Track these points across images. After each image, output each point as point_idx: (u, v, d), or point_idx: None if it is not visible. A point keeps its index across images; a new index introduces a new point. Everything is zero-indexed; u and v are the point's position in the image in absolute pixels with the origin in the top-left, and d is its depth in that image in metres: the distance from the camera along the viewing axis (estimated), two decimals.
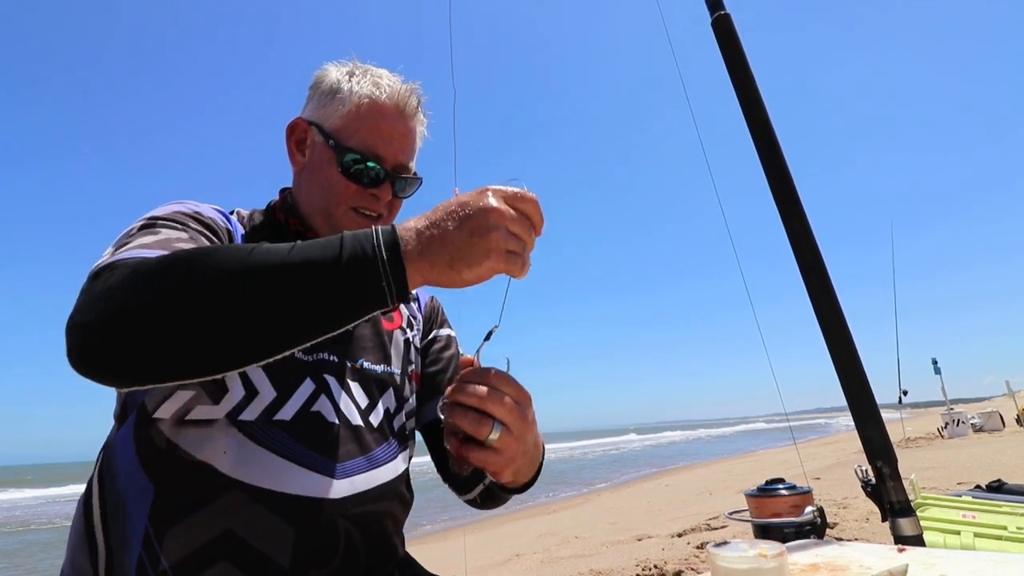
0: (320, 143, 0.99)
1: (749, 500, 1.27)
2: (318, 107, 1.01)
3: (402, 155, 1.00)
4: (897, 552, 0.92)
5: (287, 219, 1.02)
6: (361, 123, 0.97)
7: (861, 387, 1.24)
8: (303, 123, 1.03)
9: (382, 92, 0.98)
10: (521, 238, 0.68)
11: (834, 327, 1.26)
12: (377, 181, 0.98)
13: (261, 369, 0.86)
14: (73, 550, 0.85)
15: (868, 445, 1.23)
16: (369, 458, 0.94)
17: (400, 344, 1.08)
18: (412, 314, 1.15)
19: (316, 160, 1.00)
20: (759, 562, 0.60)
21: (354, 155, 0.96)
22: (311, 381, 0.91)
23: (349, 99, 0.98)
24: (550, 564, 4.40)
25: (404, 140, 1.01)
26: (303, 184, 1.03)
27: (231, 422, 0.83)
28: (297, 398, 0.89)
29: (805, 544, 1.05)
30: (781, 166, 1.32)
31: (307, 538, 0.84)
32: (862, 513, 4.63)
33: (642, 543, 4.77)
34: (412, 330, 1.13)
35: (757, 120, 1.34)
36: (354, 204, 0.98)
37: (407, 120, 1.01)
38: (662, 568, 3.56)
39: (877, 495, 1.23)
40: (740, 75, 1.37)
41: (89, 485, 0.88)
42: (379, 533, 0.94)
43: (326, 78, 1.02)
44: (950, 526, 1.68)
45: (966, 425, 12.41)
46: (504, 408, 0.70)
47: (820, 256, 1.29)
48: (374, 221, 0.99)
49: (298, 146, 1.03)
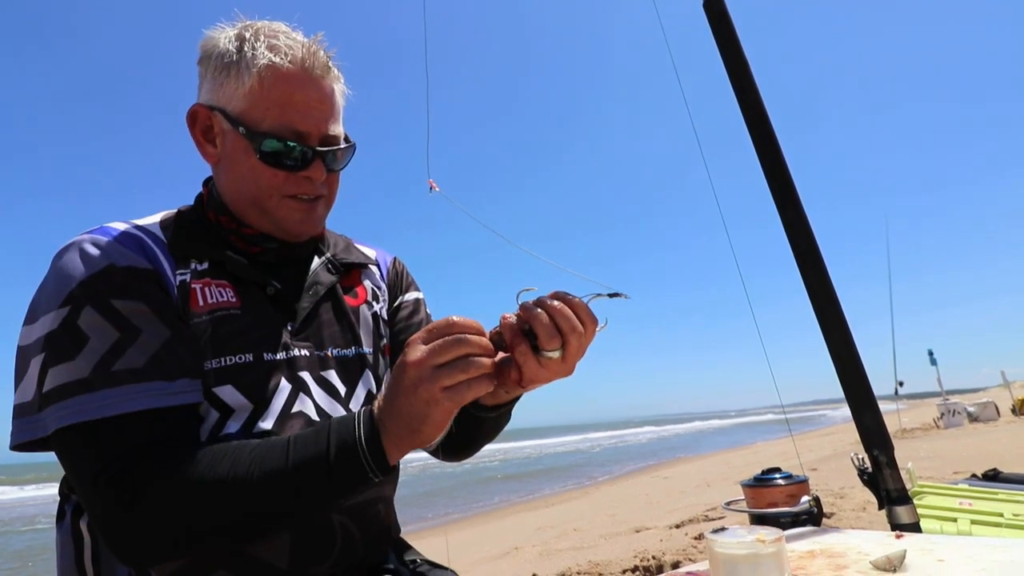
0: (230, 131, 0.88)
1: (746, 490, 1.27)
2: (215, 87, 0.89)
3: (324, 124, 0.89)
4: (895, 538, 0.92)
5: (218, 217, 0.93)
6: (268, 99, 0.85)
7: (857, 375, 1.24)
8: (203, 110, 0.90)
9: (282, 56, 0.85)
10: (456, 364, 0.69)
11: (830, 315, 1.26)
12: (305, 162, 0.89)
13: (231, 385, 0.83)
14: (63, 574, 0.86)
15: (865, 433, 1.23)
16: None
17: (368, 320, 1.04)
18: (376, 284, 1.10)
19: (230, 151, 0.89)
20: (757, 547, 0.59)
21: (271, 140, 0.86)
22: (287, 381, 0.88)
23: (247, 73, 0.85)
24: (549, 556, 4.41)
25: (322, 106, 0.89)
26: (223, 177, 0.93)
27: (213, 440, 0.82)
28: (276, 403, 0.86)
29: (802, 532, 1.04)
30: (776, 152, 1.31)
31: (304, 538, 0.84)
32: (858, 503, 4.66)
33: (640, 535, 4.80)
34: (378, 303, 1.08)
35: (751, 106, 1.33)
36: (286, 192, 0.90)
37: (319, 82, 0.88)
38: (660, 559, 3.57)
39: (874, 483, 1.23)
40: (733, 59, 1.35)
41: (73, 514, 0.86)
42: (373, 519, 0.95)
43: (214, 50, 0.89)
44: (947, 513, 1.68)
45: (962, 415, 12.48)
46: (575, 337, 0.73)
47: (816, 244, 1.28)
48: (313, 204, 0.93)
49: (205, 136, 0.92)
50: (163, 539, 0.72)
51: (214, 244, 0.90)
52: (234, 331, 0.85)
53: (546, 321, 0.72)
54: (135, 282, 0.80)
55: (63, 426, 0.72)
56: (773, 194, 1.32)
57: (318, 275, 0.99)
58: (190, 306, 0.84)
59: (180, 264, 0.86)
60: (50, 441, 0.75)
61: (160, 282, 0.82)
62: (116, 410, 0.73)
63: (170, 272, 0.84)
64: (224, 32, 0.90)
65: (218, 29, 0.91)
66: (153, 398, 0.75)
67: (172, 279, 0.84)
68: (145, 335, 0.77)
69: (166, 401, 0.76)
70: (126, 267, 0.80)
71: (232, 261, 0.89)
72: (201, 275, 0.87)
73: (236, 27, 0.90)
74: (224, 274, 0.89)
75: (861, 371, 1.24)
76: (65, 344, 0.75)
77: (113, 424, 0.73)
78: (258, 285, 0.91)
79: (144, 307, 0.79)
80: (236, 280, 0.89)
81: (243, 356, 0.84)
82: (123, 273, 0.79)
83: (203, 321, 0.83)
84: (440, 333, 0.70)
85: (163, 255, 0.85)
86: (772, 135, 1.32)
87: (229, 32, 0.89)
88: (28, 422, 0.75)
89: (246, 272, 0.90)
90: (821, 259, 1.28)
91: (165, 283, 0.83)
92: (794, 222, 1.30)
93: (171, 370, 0.78)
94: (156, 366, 0.76)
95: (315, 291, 0.97)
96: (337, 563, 0.87)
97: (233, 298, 0.87)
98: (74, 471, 0.74)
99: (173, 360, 0.78)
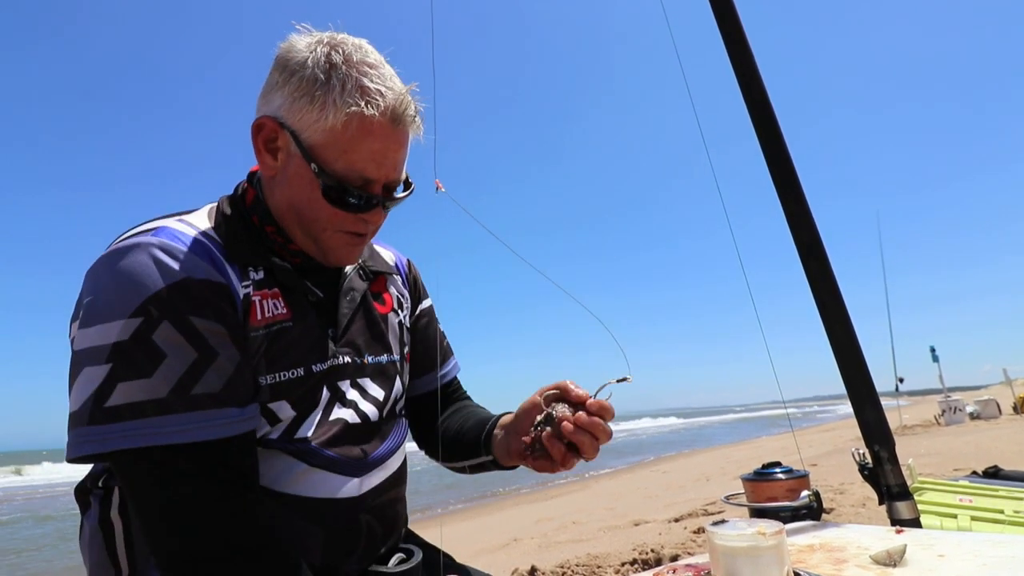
0: (297, 156, 0.84)
1: (746, 484, 1.27)
2: (290, 105, 0.83)
3: (393, 172, 0.88)
4: (895, 534, 0.91)
5: (263, 224, 0.91)
6: (347, 144, 0.82)
7: (859, 371, 1.23)
8: (272, 124, 0.85)
9: (373, 106, 0.81)
10: None
11: (832, 309, 1.25)
12: (368, 207, 0.87)
13: (285, 400, 0.85)
14: (94, 566, 0.87)
15: (866, 429, 1.22)
16: (386, 449, 0.98)
17: (395, 327, 1.07)
18: (400, 292, 1.12)
19: (293, 175, 0.86)
20: (757, 540, 0.59)
21: (337, 183, 0.84)
22: (327, 390, 0.90)
23: (332, 111, 0.80)
24: (548, 548, 4.43)
25: (397, 155, 0.87)
26: (277, 192, 0.90)
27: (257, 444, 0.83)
28: (316, 411, 0.89)
29: (802, 527, 1.04)
30: (778, 142, 1.29)
31: (334, 537, 0.87)
32: (858, 499, 4.66)
33: (639, 528, 4.81)
34: (402, 311, 1.11)
35: (755, 94, 1.30)
36: (340, 228, 0.89)
37: (402, 133, 0.86)
38: (659, 553, 3.58)
39: (874, 479, 1.22)
40: (737, 47, 1.31)
41: (102, 505, 0.87)
42: (392, 516, 0.98)
43: (298, 68, 0.83)
44: (947, 510, 1.68)
45: (963, 413, 12.45)
46: (592, 451, 0.86)
47: (819, 236, 1.27)
48: (362, 238, 0.92)
49: (267, 146, 0.88)
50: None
51: (260, 250, 0.89)
52: (287, 345, 0.86)
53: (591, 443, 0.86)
54: (212, 298, 0.78)
55: (132, 447, 0.70)
56: (776, 185, 1.31)
57: (352, 282, 1.00)
58: (250, 320, 0.83)
59: (242, 273, 0.84)
60: (111, 457, 0.72)
61: (231, 296, 0.81)
62: (193, 437, 0.72)
63: (237, 283, 0.83)
64: (309, 44, 0.84)
65: (302, 37, 0.85)
66: (228, 426, 0.75)
67: (239, 291, 0.82)
68: (222, 358, 0.76)
69: (238, 428, 0.76)
70: (203, 280, 0.77)
71: (280, 269, 0.88)
72: (259, 285, 0.86)
73: (324, 42, 0.84)
74: (274, 283, 0.88)
75: (863, 366, 1.23)
76: (139, 358, 0.72)
77: (184, 450, 0.72)
78: (302, 293, 0.91)
79: (220, 328, 0.77)
80: (284, 288, 0.89)
81: (295, 371, 0.86)
82: (200, 287, 0.77)
83: (259, 336, 0.83)
84: None
85: (228, 265, 0.83)
86: (775, 124, 1.30)
87: (316, 47, 0.83)
88: (90, 433, 0.71)
89: (293, 281, 0.89)
90: (824, 252, 1.27)
91: (234, 296, 0.81)
92: (797, 214, 1.29)
93: (243, 396, 0.78)
94: (231, 392, 0.76)
95: (352, 297, 0.98)
96: (361, 558, 0.92)
97: (284, 310, 0.87)
98: (138, 494, 0.73)
99: (243, 385, 0.78)
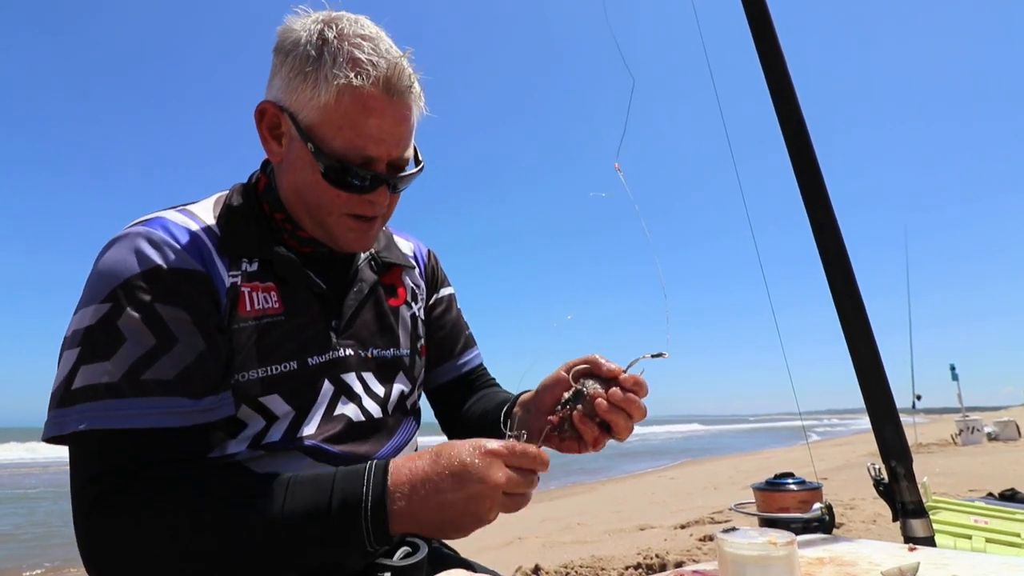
0: (297, 139, 0.83)
1: (757, 493, 1.26)
2: (288, 89, 0.83)
3: (396, 149, 0.85)
4: (908, 551, 0.90)
5: (272, 212, 0.91)
6: (342, 119, 0.80)
7: (880, 386, 1.21)
8: (273, 108, 0.85)
9: (364, 76, 0.79)
10: (520, 498, 0.72)
11: (855, 324, 1.23)
12: (371, 187, 0.86)
13: (277, 394, 0.84)
14: None
15: (884, 444, 1.21)
16: (393, 445, 0.96)
17: (407, 321, 1.06)
18: (415, 283, 1.11)
19: (295, 158, 0.86)
20: (768, 550, 0.59)
21: (338, 163, 0.82)
22: (329, 383, 0.90)
23: (324, 86, 0.79)
24: (551, 548, 4.43)
25: (397, 130, 0.84)
26: (284, 178, 0.90)
27: (255, 447, 0.83)
28: (318, 407, 0.88)
29: (812, 540, 1.03)
30: (809, 157, 1.27)
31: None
32: (869, 515, 4.59)
33: (644, 533, 4.79)
34: (417, 303, 1.10)
35: (785, 101, 1.27)
36: (346, 211, 0.88)
37: (398, 104, 0.82)
38: (664, 558, 3.57)
39: (889, 495, 1.21)
40: (770, 53, 1.29)
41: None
42: None
43: (293, 46, 0.82)
44: (961, 530, 1.65)
45: (981, 433, 12.21)
46: (627, 431, 0.83)
47: (845, 250, 1.25)
48: (371, 223, 0.91)
49: (271, 132, 0.87)
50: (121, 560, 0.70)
51: (264, 239, 0.89)
52: (278, 339, 0.85)
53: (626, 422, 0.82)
54: (182, 286, 0.78)
55: (82, 429, 0.71)
56: (803, 195, 1.29)
57: (362, 273, 1.00)
58: (238, 309, 0.83)
59: (232, 263, 0.84)
60: (67, 438, 0.74)
61: (209, 286, 0.81)
62: (137, 423, 0.72)
63: (223, 272, 0.83)
64: (305, 24, 0.83)
65: (299, 17, 0.84)
66: (175, 416, 0.74)
67: (224, 281, 0.83)
68: (181, 345, 0.76)
69: (187, 420, 0.75)
70: (176, 269, 0.78)
71: (280, 261, 0.88)
72: (251, 277, 0.86)
73: (319, 19, 0.83)
74: (271, 275, 0.88)
75: (884, 381, 1.21)
76: (101, 342, 0.74)
77: (130, 435, 0.72)
78: (304, 284, 0.91)
79: (185, 315, 0.77)
80: (281, 280, 0.89)
81: (288, 364, 0.85)
82: (171, 275, 0.77)
83: (249, 326, 0.83)
84: (525, 464, 0.72)
85: (216, 253, 0.83)
86: (807, 138, 1.28)
87: (311, 26, 0.82)
88: (56, 415, 0.73)
89: (293, 272, 0.89)
90: (850, 266, 1.25)
91: (215, 286, 0.81)
92: (824, 226, 1.27)
93: (199, 388, 0.77)
94: (185, 380, 0.76)
95: (360, 289, 0.98)
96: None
97: (277, 304, 0.87)
98: (76, 469, 0.74)
99: (202, 376, 0.77)
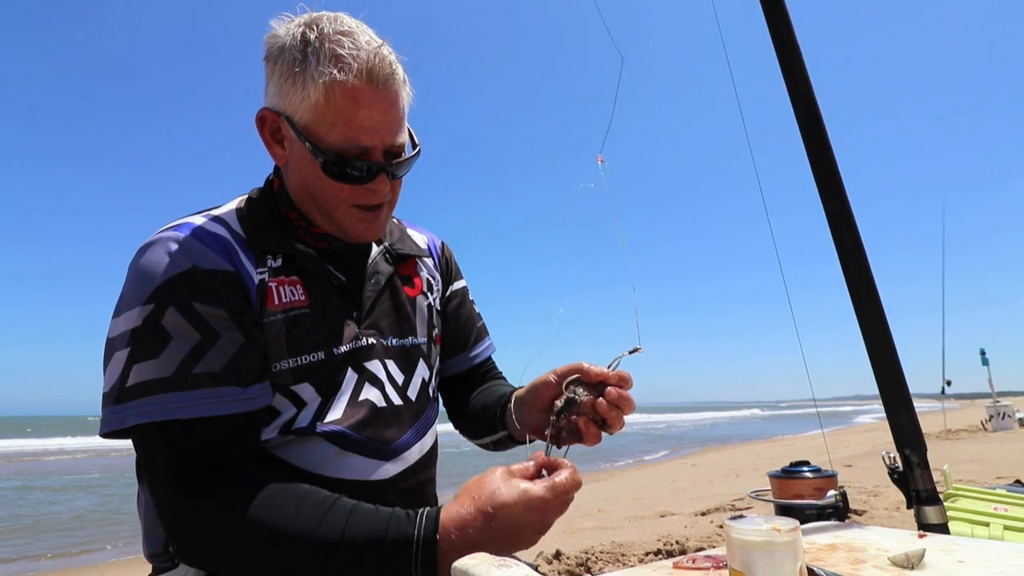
0: (296, 140, 0.88)
1: (772, 481, 1.28)
2: (281, 93, 0.87)
3: (389, 136, 0.88)
4: (917, 537, 0.91)
5: (287, 212, 0.96)
6: (333, 115, 0.84)
7: (893, 373, 1.22)
8: (271, 114, 0.90)
9: (347, 71, 0.82)
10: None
11: (868, 310, 1.23)
12: (369, 176, 0.89)
13: (308, 383, 0.89)
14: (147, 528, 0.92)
15: (897, 432, 1.21)
16: (415, 431, 1.00)
17: (424, 310, 1.09)
18: (431, 274, 1.15)
19: (297, 159, 0.91)
20: (772, 536, 0.61)
21: (336, 155, 0.86)
22: (353, 371, 0.94)
23: (312, 85, 0.83)
24: (572, 534, 4.48)
25: (387, 117, 0.87)
26: (291, 179, 0.95)
27: (285, 432, 0.88)
28: (343, 394, 0.92)
29: (825, 526, 1.05)
30: (823, 144, 1.27)
31: None
32: (892, 502, 4.55)
33: (665, 519, 4.81)
34: (432, 293, 1.13)
35: (800, 92, 1.27)
36: (351, 202, 0.91)
37: (384, 92, 0.86)
38: (684, 544, 3.59)
39: (903, 482, 1.21)
40: (785, 43, 1.28)
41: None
42: (423, 499, 1.01)
43: (279, 48, 0.87)
44: (980, 517, 1.64)
45: (1012, 419, 11.92)
46: (621, 424, 0.89)
47: (859, 237, 1.25)
48: (376, 212, 0.94)
49: (273, 137, 0.93)
50: (206, 546, 0.76)
51: (284, 237, 0.94)
52: (306, 330, 0.90)
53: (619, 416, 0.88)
54: (217, 286, 0.83)
55: (143, 422, 0.77)
56: (818, 184, 1.29)
57: (378, 265, 1.04)
58: (267, 305, 0.88)
59: (259, 261, 0.89)
60: (129, 432, 0.80)
61: (241, 285, 0.86)
62: (194, 413, 0.77)
63: (251, 271, 0.88)
64: (288, 29, 0.87)
65: (282, 22, 0.88)
66: (229, 404, 0.80)
67: (253, 278, 0.87)
68: (223, 340, 0.81)
69: (239, 407, 0.81)
70: (209, 270, 0.83)
71: (301, 256, 0.93)
72: (276, 272, 0.90)
73: (300, 23, 0.86)
74: (294, 269, 0.92)
75: (897, 368, 1.22)
76: (149, 341, 0.79)
77: (189, 425, 0.78)
78: (324, 278, 0.95)
79: (223, 312, 0.82)
80: (304, 274, 0.93)
81: (316, 354, 0.90)
82: (206, 276, 0.82)
83: (278, 320, 0.88)
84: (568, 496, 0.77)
85: (244, 253, 0.88)
86: (822, 127, 1.28)
87: (293, 30, 0.86)
88: (113, 411, 0.79)
89: (314, 266, 0.94)
90: (863, 252, 1.25)
91: (246, 284, 0.86)
92: (839, 213, 1.27)
93: (245, 377, 0.82)
94: (233, 371, 0.81)
95: (376, 280, 1.02)
96: None
97: (302, 296, 0.91)
98: (148, 463, 0.80)
99: (247, 366, 0.83)
